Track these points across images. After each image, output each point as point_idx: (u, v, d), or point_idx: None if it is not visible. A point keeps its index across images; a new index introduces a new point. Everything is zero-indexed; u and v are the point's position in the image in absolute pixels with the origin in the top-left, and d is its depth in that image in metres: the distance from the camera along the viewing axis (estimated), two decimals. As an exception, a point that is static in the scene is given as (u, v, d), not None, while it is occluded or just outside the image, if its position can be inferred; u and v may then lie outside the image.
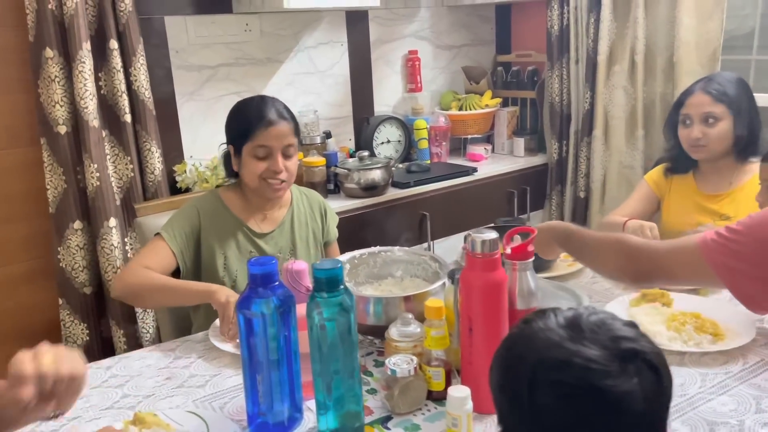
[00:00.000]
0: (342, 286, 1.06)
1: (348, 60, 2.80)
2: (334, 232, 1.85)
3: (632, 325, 0.69)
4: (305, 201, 1.81)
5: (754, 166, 1.83)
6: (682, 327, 1.31)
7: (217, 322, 1.47)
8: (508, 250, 1.15)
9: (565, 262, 1.74)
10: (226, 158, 1.70)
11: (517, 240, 1.16)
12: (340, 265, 1.05)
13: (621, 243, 1.26)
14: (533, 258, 1.15)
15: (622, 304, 1.45)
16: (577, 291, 1.49)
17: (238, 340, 1.40)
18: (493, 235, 1.07)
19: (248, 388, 1.11)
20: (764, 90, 2.46)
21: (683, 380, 1.17)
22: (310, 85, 2.72)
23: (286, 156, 1.64)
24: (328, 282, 1.05)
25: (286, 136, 1.62)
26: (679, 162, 1.96)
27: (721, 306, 1.41)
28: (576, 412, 0.63)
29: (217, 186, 2.16)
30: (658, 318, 1.36)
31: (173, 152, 2.39)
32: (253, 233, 1.69)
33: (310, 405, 1.17)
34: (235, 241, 1.67)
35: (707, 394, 1.13)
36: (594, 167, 2.65)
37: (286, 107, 1.66)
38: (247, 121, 1.62)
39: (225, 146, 1.70)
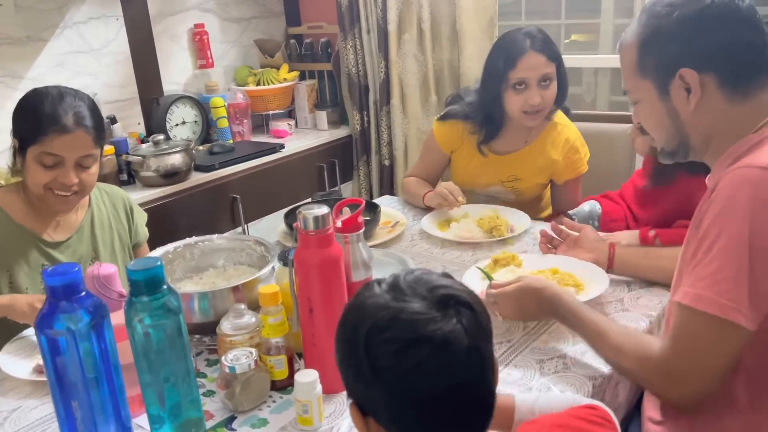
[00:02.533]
0: (164, 286, 0.95)
1: (126, 36, 2.53)
2: (143, 232, 1.66)
3: (446, 275, 0.75)
4: (106, 199, 1.59)
5: (540, 125, 1.86)
6: None
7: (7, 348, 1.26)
8: (339, 223, 1.11)
9: (384, 229, 1.76)
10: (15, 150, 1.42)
11: (347, 212, 1.13)
12: (159, 262, 0.94)
13: (644, 361, 0.99)
14: (364, 228, 1.13)
15: (475, 274, 1.40)
16: (401, 256, 1.51)
17: (40, 362, 1.21)
18: (324, 209, 1.02)
19: (62, 417, 0.96)
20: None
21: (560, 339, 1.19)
22: (84, 66, 2.42)
23: (82, 167, 1.39)
24: (148, 283, 0.93)
25: (84, 147, 1.37)
26: (488, 128, 1.84)
27: (570, 260, 1.43)
28: (412, 362, 0.67)
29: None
30: None
31: None
32: (45, 243, 1.45)
33: (139, 422, 1.04)
34: (23, 255, 1.42)
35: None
36: (395, 135, 2.73)
37: (92, 108, 1.40)
38: (36, 119, 1.33)
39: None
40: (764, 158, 0.90)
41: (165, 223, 2.18)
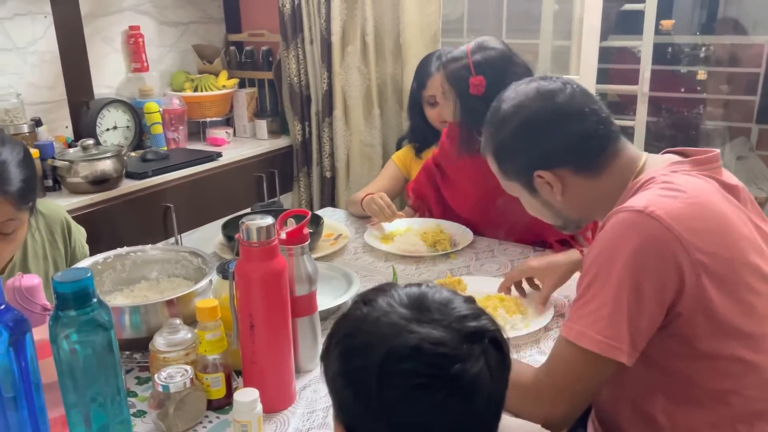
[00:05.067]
0: (95, 300, 0.88)
1: (55, 35, 2.40)
2: (83, 253, 1.51)
3: (471, 300, 0.68)
4: (42, 225, 1.43)
5: None
6: (496, 312, 1.30)
7: None
8: (283, 235, 1.07)
9: (327, 242, 1.72)
10: None
11: (292, 223, 1.10)
12: (89, 274, 0.87)
13: (516, 388, 0.99)
14: (310, 240, 1.10)
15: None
16: (346, 269, 1.48)
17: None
18: (269, 220, 0.98)
19: (-25, 443, 0.87)
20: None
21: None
22: (7, 64, 2.28)
23: (3, 234, 1.21)
24: (76, 297, 0.86)
25: (3, 215, 1.17)
26: (426, 137, 2.05)
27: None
28: (427, 402, 0.60)
29: None
30: None
31: None
32: None
33: (62, 446, 0.97)
34: None
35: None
36: (337, 147, 2.70)
37: (21, 163, 1.18)
38: None
39: None
40: (639, 200, 0.95)
41: (93, 233, 2.04)
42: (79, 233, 1.54)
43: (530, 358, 1.19)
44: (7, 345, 0.85)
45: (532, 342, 1.25)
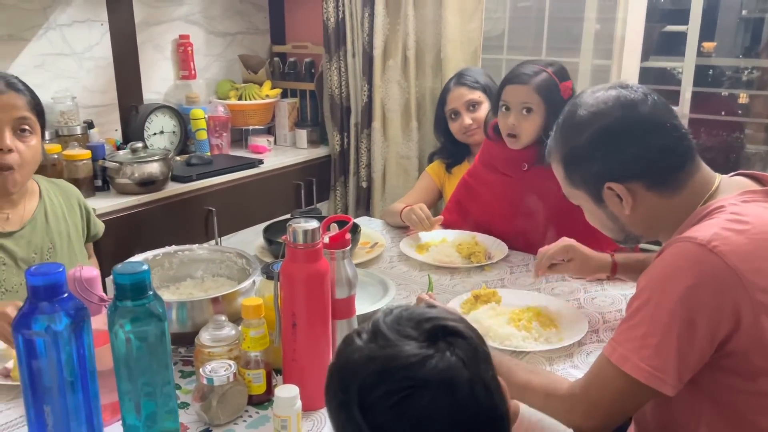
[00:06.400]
0: (150, 292, 0.94)
1: (110, 42, 2.51)
2: (99, 225, 1.64)
3: (429, 306, 0.72)
4: (58, 192, 1.56)
5: None
6: (530, 326, 1.31)
7: None
8: (326, 239, 1.12)
9: (363, 249, 1.76)
10: None
11: (334, 228, 1.14)
12: (146, 267, 0.93)
13: (550, 398, 1.01)
14: (350, 246, 1.14)
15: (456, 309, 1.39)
16: (382, 277, 1.52)
17: (7, 365, 1.17)
18: (314, 224, 1.03)
19: (33, 422, 0.93)
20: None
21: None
22: (65, 68, 2.39)
23: (20, 133, 1.36)
24: (134, 288, 0.92)
25: (18, 109, 1.35)
26: (454, 155, 2.18)
27: (548, 298, 1.46)
28: (417, 411, 0.62)
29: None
30: (502, 319, 1.33)
31: None
32: None
33: (110, 431, 1.02)
34: None
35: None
36: (374, 158, 2.75)
37: (21, 81, 1.40)
38: None
39: None
40: (704, 232, 0.91)
41: (137, 233, 2.15)
42: (92, 210, 1.64)
43: (563, 371, 1.21)
44: (70, 331, 0.91)
45: (565, 356, 1.26)
